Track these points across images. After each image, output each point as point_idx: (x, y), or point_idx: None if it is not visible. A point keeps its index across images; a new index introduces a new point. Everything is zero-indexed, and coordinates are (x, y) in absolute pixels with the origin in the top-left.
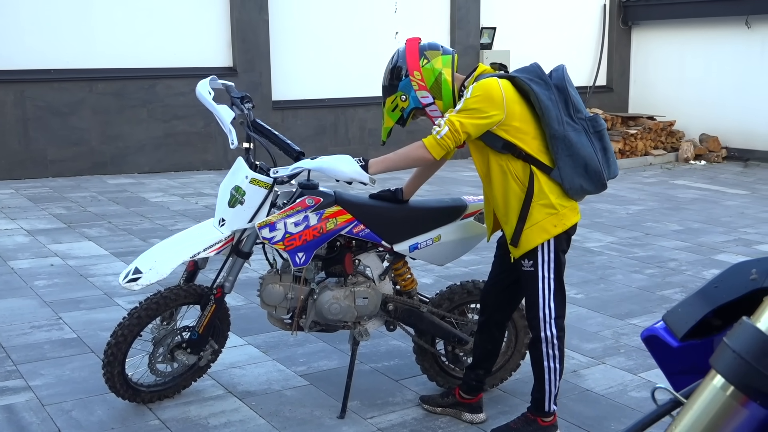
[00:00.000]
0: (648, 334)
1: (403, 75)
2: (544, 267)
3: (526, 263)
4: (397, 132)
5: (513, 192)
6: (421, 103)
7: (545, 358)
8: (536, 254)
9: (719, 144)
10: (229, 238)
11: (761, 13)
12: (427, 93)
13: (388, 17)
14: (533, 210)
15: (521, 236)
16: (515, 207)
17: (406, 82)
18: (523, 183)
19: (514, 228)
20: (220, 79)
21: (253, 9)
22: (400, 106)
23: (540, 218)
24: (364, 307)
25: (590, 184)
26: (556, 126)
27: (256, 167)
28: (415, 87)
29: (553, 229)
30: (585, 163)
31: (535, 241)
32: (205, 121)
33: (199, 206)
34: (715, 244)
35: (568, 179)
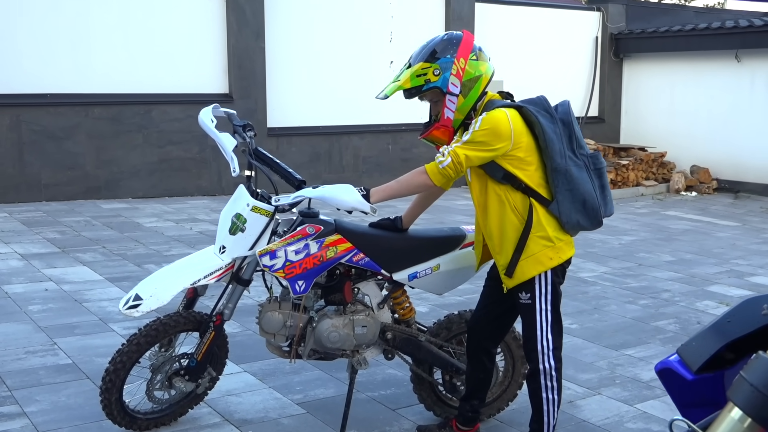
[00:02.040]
0: (662, 367)
1: (449, 54)
2: (541, 299)
3: (523, 296)
4: (391, 157)
5: (510, 222)
6: (448, 88)
7: (544, 390)
8: (533, 287)
9: (710, 176)
10: (229, 266)
11: (751, 48)
12: (459, 84)
13: (383, 46)
14: (530, 242)
15: (516, 267)
16: (512, 238)
17: (449, 61)
18: (521, 215)
19: (510, 258)
20: (212, 105)
21: (249, 36)
22: (429, 76)
23: (536, 250)
24: (362, 336)
25: (587, 221)
26: (559, 159)
27: (257, 195)
28: (453, 71)
29: (549, 262)
30: (584, 198)
31: (531, 272)
32: (199, 147)
33: (193, 232)
34: (708, 275)
35: (566, 213)
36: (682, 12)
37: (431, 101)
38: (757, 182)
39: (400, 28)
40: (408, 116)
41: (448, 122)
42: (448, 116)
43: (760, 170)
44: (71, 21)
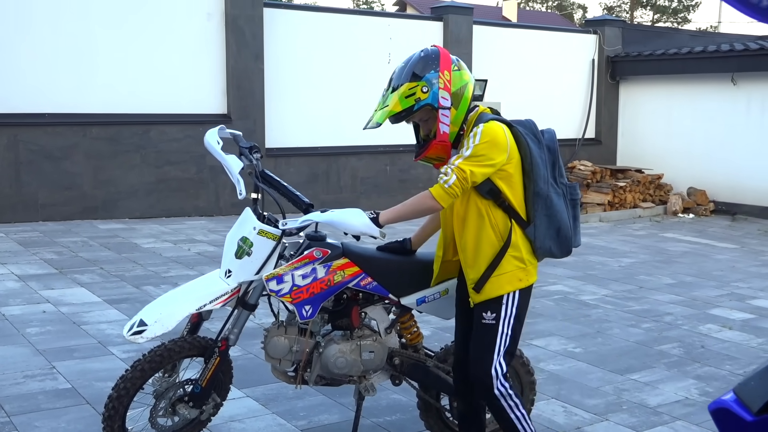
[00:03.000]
0: (717, 407)
1: (433, 69)
2: (505, 321)
3: (487, 316)
4: (389, 178)
5: (487, 238)
6: (439, 102)
7: (509, 411)
8: (500, 306)
9: (707, 198)
10: (235, 290)
11: (747, 71)
12: (449, 96)
13: (381, 68)
14: (504, 260)
15: (487, 283)
16: (487, 254)
17: (435, 76)
18: (501, 232)
19: (481, 274)
20: (213, 125)
21: (248, 57)
22: (418, 95)
23: (509, 269)
24: (370, 361)
25: (558, 248)
26: (542, 184)
27: (264, 218)
28: (440, 84)
29: (518, 283)
30: (559, 226)
31: (501, 290)
32: (197, 167)
33: (191, 253)
34: (709, 298)
35: (540, 238)
36: (677, 35)
37: (421, 120)
38: (754, 204)
39: (399, 50)
40: (406, 137)
41: (445, 137)
42: (443, 131)
43: (757, 192)
44: (70, 41)
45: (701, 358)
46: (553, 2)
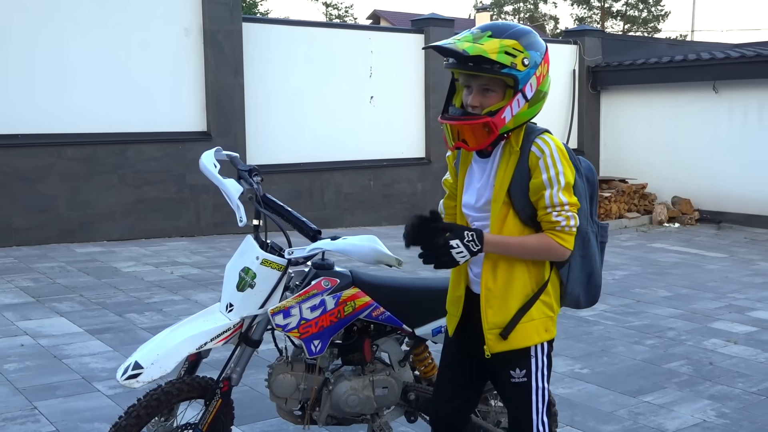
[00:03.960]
0: None
1: (539, 51)
2: (538, 377)
3: (517, 374)
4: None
5: (521, 275)
6: (524, 87)
7: None
8: (530, 360)
9: (692, 206)
10: (238, 326)
11: (728, 79)
12: (534, 89)
13: (363, 82)
14: (535, 305)
15: (514, 330)
16: (519, 294)
17: (538, 59)
18: (537, 269)
19: (511, 317)
20: (192, 143)
21: (228, 73)
22: (517, 62)
23: (537, 316)
24: (384, 398)
25: (585, 297)
26: (582, 219)
27: (267, 247)
28: (537, 72)
29: (546, 334)
30: (591, 271)
31: (530, 339)
32: (177, 186)
33: (174, 276)
34: (708, 311)
35: (572, 282)
36: (656, 44)
37: (481, 87)
38: (738, 212)
39: (380, 63)
40: (388, 151)
41: (501, 123)
42: (505, 116)
43: (742, 200)
44: (44, 58)
45: (711, 376)
46: (525, 14)
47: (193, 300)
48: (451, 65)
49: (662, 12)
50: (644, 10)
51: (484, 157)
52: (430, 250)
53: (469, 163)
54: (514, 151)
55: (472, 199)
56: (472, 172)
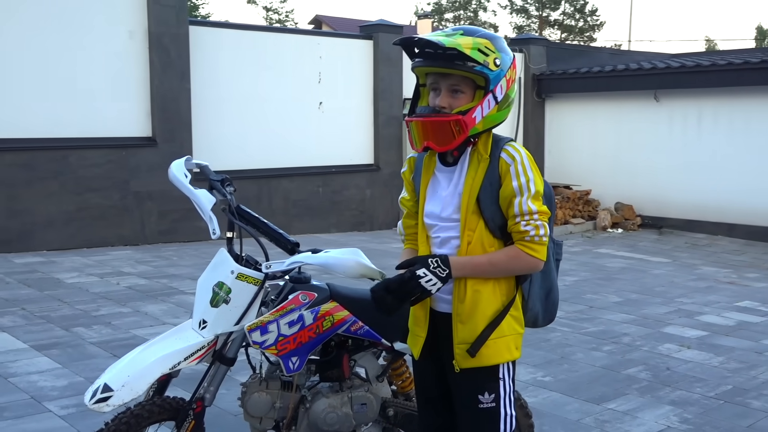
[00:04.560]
0: None
1: (508, 56)
2: (506, 402)
3: (485, 398)
4: (322, 200)
5: (490, 288)
6: (495, 88)
7: None
8: (497, 384)
9: (634, 212)
10: (212, 343)
11: (668, 88)
12: (503, 93)
13: (312, 87)
14: (505, 320)
15: (483, 346)
16: (488, 308)
17: (508, 62)
18: (505, 283)
19: (479, 334)
20: (136, 149)
21: (174, 77)
22: (489, 61)
23: (508, 332)
24: (362, 415)
25: (543, 315)
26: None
27: (242, 260)
28: (507, 75)
29: (516, 352)
30: (550, 287)
31: (502, 355)
32: (120, 193)
33: (121, 287)
34: (659, 316)
35: (533, 298)
36: (598, 53)
37: (450, 87)
38: (678, 218)
39: (329, 69)
40: (337, 158)
41: (472, 123)
42: (476, 116)
43: (681, 206)
44: None
45: (670, 381)
46: (465, 22)
47: (143, 312)
48: (419, 64)
49: (598, 22)
50: (580, 20)
51: (449, 166)
52: (401, 288)
53: (432, 172)
54: (483, 158)
55: (437, 208)
56: (437, 182)
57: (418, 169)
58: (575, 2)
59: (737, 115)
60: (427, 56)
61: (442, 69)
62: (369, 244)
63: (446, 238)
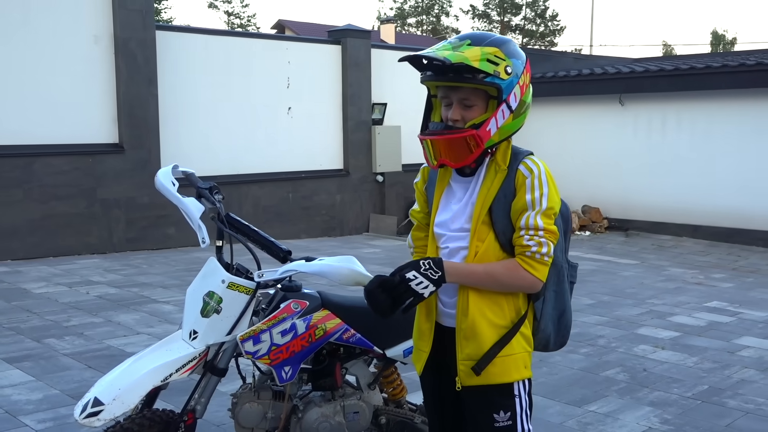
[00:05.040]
0: None
1: (520, 60)
2: (523, 419)
3: (501, 417)
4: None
5: (498, 303)
6: (508, 96)
7: None
8: (514, 402)
9: (601, 215)
10: (203, 354)
11: (633, 92)
12: (518, 100)
13: (281, 93)
14: (515, 339)
15: (491, 364)
16: (495, 325)
17: (520, 67)
18: (515, 299)
19: (485, 351)
20: (103, 156)
21: (141, 83)
22: (500, 70)
23: (518, 350)
24: (355, 423)
25: (555, 338)
26: (558, 252)
27: (232, 269)
28: (520, 81)
29: (525, 371)
30: (564, 309)
31: (510, 374)
32: (87, 201)
33: (91, 297)
34: (632, 317)
35: (545, 318)
36: (562, 58)
37: (460, 102)
38: (644, 220)
39: (298, 74)
40: (307, 163)
41: (487, 136)
42: (490, 128)
43: (647, 209)
44: None
45: (647, 382)
46: (427, 26)
47: (116, 322)
48: (428, 78)
49: (558, 27)
50: (541, 25)
51: (466, 176)
52: (390, 292)
53: (447, 182)
54: (501, 169)
55: (449, 217)
56: (451, 192)
57: (432, 179)
58: (536, 7)
59: (700, 119)
60: (435, 69)
61: (452, 83)
62: (340, 249)
63: (455, 248)
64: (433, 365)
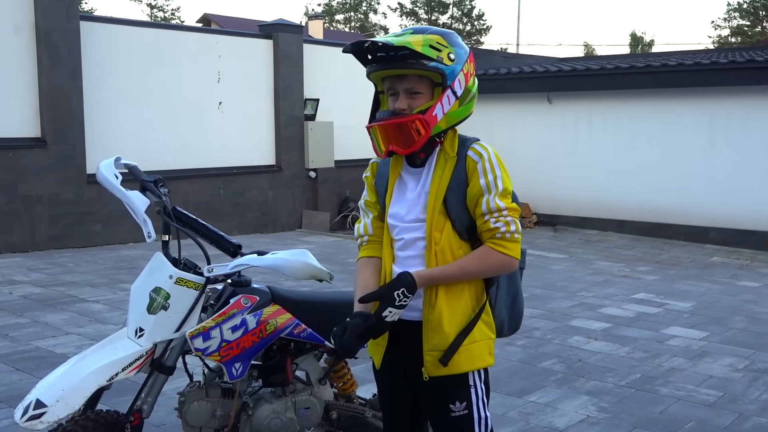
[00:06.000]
0: None
1: (463, 50)
2: (479, 407)
3: (457, 407)
4: (224, 202)
5: (461, 293)
6: (453, 83)
7: None
8: (469, 392)
9: (530, 210)
10: (150, 352)
11: (561, 90)
12: (463, 87)
13: (211, 87)
14: (477, 327)
15: (456, 354)
16: (460, 314)
17: (464, 56)
18: (477, 284)
19: (452, 341)
20: (24, 150)
21: (64, 75)
22: (443, 56)
23: (480, 338)
24: (306, 419)
25: (509, 323)
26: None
27: (180, 264)
28: (464, 68)
29: (489, 358)
30: (516, 294)
31: (474, 363)
32: (7, 197)
33: (15, 297)
34: (565, 309)
35: (499, 304)
36: (492, 56)
37: (406, 91)
38: (572, 215)
39: (229, 69)
40: (238, 159)
41: (433, 121)
42: (436, 113)
43: (574, 204)
44: None
45: (583, 372)
46: (355, 23)
47: (43, 322)
48: (373, 69)
49: (485, 26)
50: (468, 24)
51: (417, 167)
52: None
53: (398, 174)
54: (450, 157)
55: (403, 210)
56: (403, 183)
57: (382, 173)
58: (463, 6)
59: (624, 117)
60: (380, 60)
61: (397, 71)
62: (273, 245)
63: (411, 239)
64: (388, 359)
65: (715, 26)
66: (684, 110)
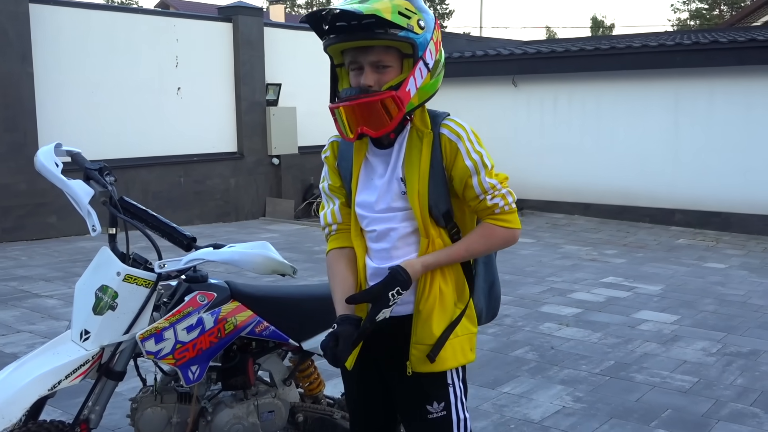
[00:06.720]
0: None
1: (431, 18)
2: (458, 408)
3: (434, 408)
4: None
5: (445, 286)
6: (424, 53)
7: None
8: (447, 392)
9: None
10: (97, 356)
11: (526, 73)
12: (433, 58)
13: (169, 72)
14: (461, 321)
15: (442, 350)
16: (446, 308)
17: (431, 23)
18: (457, 275)
19: (439, 336)
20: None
21: (14, 59)
22: (413, 23)
23: (461, 332)
24: (271, 423)
25: (487, 311)
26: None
27: (128, 259)
28: (433, 37)
29: (471, 354)
30: (493, 280)
31: (456, 359)
32: None
33: None
34: (534, 295)
35: (477, 292)
36: (456, 40)
37: (371, 65)
38: (538, 199)
39: (187, 53)
40: (199, 146)
41: (407, 97)
42: (410, 89)
43: (540, 188)
44: None
45: (556, 360)
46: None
47: None
48: (333, 41)
49: (447, 10)
50: (431, 8)
51: (384, 148)
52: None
53: (363, 155)
54: (425, 133)
55: (372, 197)
56: (370, 167)
57: (344, 154)
58: None
59: (589, 99)
60: (340, 31)
61: (363, 42)
62: (236, 235)
63: (384, 230)
64: (360, 359)
65: (674, 9)
66: (649, 92)
